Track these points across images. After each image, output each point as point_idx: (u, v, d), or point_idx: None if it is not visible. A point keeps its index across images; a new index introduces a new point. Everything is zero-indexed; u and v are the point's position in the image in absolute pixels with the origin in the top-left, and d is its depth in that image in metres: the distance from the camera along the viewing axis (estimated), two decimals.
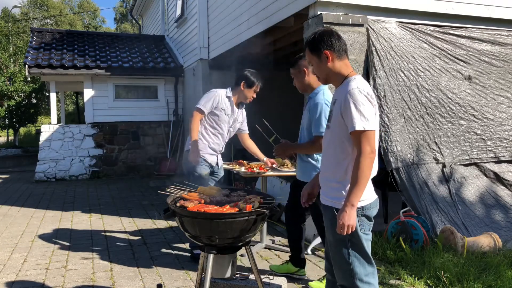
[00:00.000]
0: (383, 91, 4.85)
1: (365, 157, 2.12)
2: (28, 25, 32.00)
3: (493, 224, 4.72)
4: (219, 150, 4.28)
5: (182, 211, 2.55)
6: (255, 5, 6.52)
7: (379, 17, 5.07)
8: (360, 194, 2.14)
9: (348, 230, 2.13)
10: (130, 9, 18.47)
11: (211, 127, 4.19)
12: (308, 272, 3.96)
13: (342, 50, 2.32)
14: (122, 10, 42.63)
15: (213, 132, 4.20)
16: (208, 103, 4.14)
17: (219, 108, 4.13)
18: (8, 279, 3.89)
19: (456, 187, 4.88)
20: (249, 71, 4.19)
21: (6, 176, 11.09)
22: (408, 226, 4.32)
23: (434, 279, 3.62)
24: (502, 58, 5.51)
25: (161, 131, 11.11)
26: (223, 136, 4.25)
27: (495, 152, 5.23)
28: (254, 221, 2.52)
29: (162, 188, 3.05)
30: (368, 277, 2.29)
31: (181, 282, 3.77)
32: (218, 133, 4.22)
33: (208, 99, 4.14)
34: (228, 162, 4.90)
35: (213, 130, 4.20)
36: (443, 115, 5.08)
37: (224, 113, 4.16)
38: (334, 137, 2.29)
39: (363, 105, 2.14)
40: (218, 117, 4.16)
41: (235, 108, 4.25)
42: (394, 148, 4.76)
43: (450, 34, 5.33)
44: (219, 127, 4.20)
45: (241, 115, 4.38)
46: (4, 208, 7.01)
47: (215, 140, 4.22)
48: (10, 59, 19.77)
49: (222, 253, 2.63)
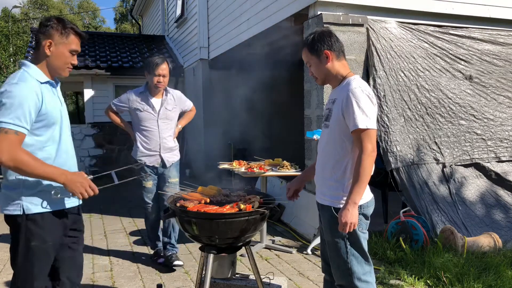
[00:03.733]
0: (383, 91, 4.85)
1: (367, 155, 2.13)
2: (28, 25, 31.99)
3: (493, 224, 4.72)
4: (157, 148, 3.99)
5: (182, 211, 2.55)
6: (255, 5, 6.52)
7: (379, 17, 5.07)
8: (362, 192, 2.15)
9: (350, 228, 2.14)
10: (130, 9, 18.49)
11: (140, 128, 4.00)
12: (308, 272, 3.96)
13: (340, 51, 2.33)
14: (122, 10, 42.61)
15: (144, 133, 3.99)
16: (119, 105, 4.09)
17: (132, 109, 3.97)
18: (8, 279, 3.89)
19: (456, 187, 4.88)
20: (148, 59, 4.00)
21: None
22: (408, 226, 4.32)
23: (434, 279, 3.62)
24: (504, 58, 5.51)
25: None
26: (153, 132, 3.98)
27: (496, 153, 5.23)
28: (254, 221, 2.52)
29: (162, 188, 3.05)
30: (366, 276, 2.30)
31: (181, 282, 3.77)
32: (147, 131, 3.98)
33: (119, 102, 4.08)
34: (228, 162, 4.90)
35: (143, 131, 3.99)
36: (443, 115, 5.08)
37: (139, 111, 3.96)
38: (334, 136, 2.29)
39: (365, 104, 2.15)
40: (138, 116, 3.97)
41: (156, 100, 4.00)
42: (394, 148, 4.76)
43: (450, 34, 5.33)
44: (145, 126, 3.98)
45: (171, 101, 4.06)
46: None
47: (148, 140, 3.98)
48: (10, 59, 19.79)
49: (222, 253, 2.64)
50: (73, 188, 2.11)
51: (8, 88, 2.01)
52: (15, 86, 2.02)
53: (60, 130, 2.20)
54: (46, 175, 2.06)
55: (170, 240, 4.17)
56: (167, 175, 4.08)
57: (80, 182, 2.12)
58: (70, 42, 2.17)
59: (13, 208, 2.11)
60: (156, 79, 3.88)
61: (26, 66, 2.14)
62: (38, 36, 2.14)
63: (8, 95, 1.99)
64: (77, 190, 2.11)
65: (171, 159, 4.10)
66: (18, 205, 2.11)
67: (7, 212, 2.13)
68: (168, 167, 4.07)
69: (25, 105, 2.00)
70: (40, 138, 2.11)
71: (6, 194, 2.13)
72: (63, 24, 2.16)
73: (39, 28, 2.15)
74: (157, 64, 3.87)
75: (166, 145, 4.03)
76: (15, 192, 2.11)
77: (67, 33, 2.15)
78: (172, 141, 4.08)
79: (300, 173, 3.32)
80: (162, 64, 3.89)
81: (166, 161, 4.04)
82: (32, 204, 2.12)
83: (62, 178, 2.09)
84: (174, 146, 4.13)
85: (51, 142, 2.16)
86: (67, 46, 2.16)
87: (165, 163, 4.04)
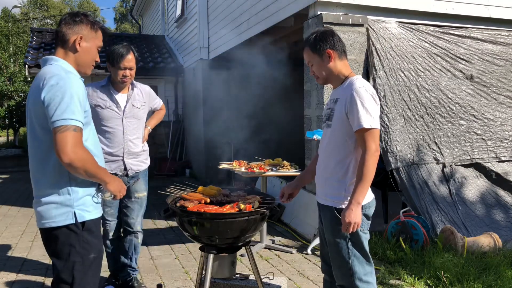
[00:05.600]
0: (383, 91, 4.85)
1: (371, 155, 2.12)
2: (28, 25, 31.99)
3: (493, 224, 4.72)
4: (120, 152, 3.34)
5: (182, 211, 2.55)
6: (255, 5, 6.52)
7: (379, 17, 5.07)
8: (365, 191, 2.15)
9: (354, 228, 2.14)
10: (130, 9, 18.50)
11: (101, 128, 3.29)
12: (308, 272, 3.96)
13: (342, 51, 2.33)
14: (122, 10, 42.63)
15: (105, 134, 3.31)
16: None
17: (92, 105, 3.23)
18: (8, 279, 3.89)
19: (456, 187, 4.88)
20: (110, 49, 3.30)
21: (6, 176, 11.08)
22: (408, 226, 4.32)
23: (434, 279, 3.62)
24: (504, 58, 5.51)
25: (161, 131, 11.09)
26: (116, 133, 3.32)
27: (496, 153, 5.23)
28: (254, 221, 2.52)
29: (162, 188, 3.05)
30: (367, 276, 2.29)
31: (181, 282, 3.77)
32: (109, 132, 3.31)
33: None
34: (228, 162, 4.90)
35: (105, 133, 3.31)
36: (443, 115, 5.08)
37: (100, 108, 3.28)
38: (336, 136, 2.28)
39: (369, 104, 2.15)
40: (98, 114, 3.26)
41: (121, 96, 3.36)
42: (394, 148, 4.76)
43: (450, 34, 5.33)
44: (107, 126, 3.31)
45: (139, 96, 3.45)
46: (4, 208, 7.01)
47: (109, 143, 3.31)
48: (10, 59, 19.79)
49: (222, 253, 2.63)
50: (114, 187, 2.02)
51: (61, 82, 1.84)
52: (65, 78, 1.86)
53: (93, 130, 2.09)
54: (100, 175, 1.92)
55: (131, 263, 3.58)
56: (133, 188, 3.43)
57: (118, 182, 2.06)
58: (98, 37, 2.08)
59: (62, 218, 1.89)
60: (121, 73, 3.25)
61: (58, 61, 1.97)
62: (64, 32, 1.98)
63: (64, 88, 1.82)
64: (117, 189, 2.04)
65: (136, 167, 3.44)
66: (70, 214, 1.90)
67: (55, 224, 1.89)
68: (134, 178, 3.35)
69: (80, 97, 1.86)
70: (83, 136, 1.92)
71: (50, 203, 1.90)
72: (91, 19, 2.06)
73: (65, 24, 2.00)
74: (122, 55, 3.23)
75: (131, 149, 3.38)
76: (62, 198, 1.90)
77: (95, 28, 2.06)
78: (140, 145, 3.47)
79: (300, 173, 3.33)
80: (128, 54, 3.26)
81: (129, 169, 3.39)
82: (84, 211, 1.93)
83: (108, 177, 1.98)
84: (141, 151, 3.48)
85: (90, 140, 2.01)
86: (96, 42, 2.06)
87: (131, 167, 3.40)
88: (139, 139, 3.47)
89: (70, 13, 2.08)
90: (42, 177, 1.93)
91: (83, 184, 1.95)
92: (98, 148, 2.09)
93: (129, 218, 3.51)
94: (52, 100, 1.81)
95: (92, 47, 2.05)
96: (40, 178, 1.94)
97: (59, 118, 1.79)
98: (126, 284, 3.57)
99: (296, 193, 2.64)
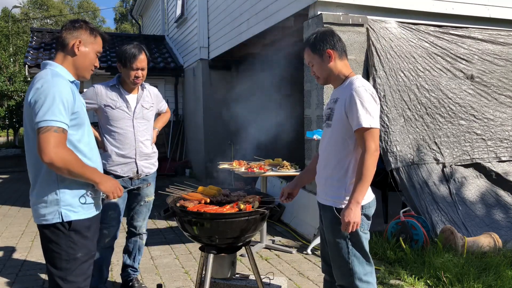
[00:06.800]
0: (383, 91, 4.85)
1: (370, 154, 2.12)
2: (28, 25, 31.99)
3: (493, 224, 4.72)
4: (132, 154, 3.26)
5: (182, 211, 2.55)
6: (255, 5, 6.52)
7: (379, 17, 5.07)
8: (365, 191, 2.15)
9: (353, 228, 2.14)
10: (130, 9, 18.49)
11: (111, 129, 3.24)
12: (308, 272, 3.96)
13: (343, 51, 2.33)
14: (122, 10, 42.63)
15: (116, 136, 3.24)
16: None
17: (102, 106, 3.23)
18: (8, 279, 3.89)
19: (456, 187, 4.88)
20: (121, 49, 3.23)
21: (6, 176, 11.08)
22: (408, 226, 4.32)
23: (434, 279, 3.62)
24: (504, 57, 5.51)
25: (161, 131, 11.06)
26: (127, 135, 3.24)
27: (496, 153, 5.23)
28: (254, 221, 2.52)
29: (162, 188, 3.05)
30: (367, 276, 2.29)
31: (181, 282, 3.77)
32: (120, 134, 3.24)
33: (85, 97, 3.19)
34: (228, 162, 4.90)
35: (115, 134, 3.24)
36: (443, 115, 5.08)
37: (110, 108, 3.22)
38: (336, 136, 2.28)
39: (369, 103, 2.15)
40: (108, 115, 3.22)
41: (131, 96, 3.29)
42: (394, 148, 4.76)
43: (450, 34, 5.33)
44: (117, 127, 3.24)
45: (148, 98, 3.40)
46: (4, 208, 7.01)
47: (121, 145, 3.23)
48: (10, 59, 19.79)
49: (222, 253, 2.64)
50: (107, 188, 2.04)
51: (45, 85, 1.92)
52: (50, 81, 1.94)
53: (88, 132, 2.14)
54: (87, 175, 1.96)
55: (133, 263, 3.55)
56: (143, 193, 3.39)
57: (112, 182, 2.07)
58: (97, 42, 2.17)
59: (50, 217, 1.98)
60: (133, 73, 3.18)
61: (52, 65, 2.06)
62: (64, 37, 2.09)
63: (47, 91, 1.90)
64: (109, 190, 2.05)
65: (148, 169, 3.38)
66: (56, 213, 1.98)
67: (45, 222, 1.99)
68: (145, 182, 3.33)
69: (64, 100, 1.92)
70: (74, 137, 2.01)
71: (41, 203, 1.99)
72: (91, 26, 2.18)
73: (65, 30, 2.11)
74: (135, 55, 3.16)
75: (143, 150, 3.30)
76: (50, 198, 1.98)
77: (94, 34, 2.15)
78: (150, 146, 3.40)
79: (299, 173, 3.32)
80: (140, 55, 3.19)
81: (141, 171, 3.31)
82: (71, 211, 2.00)
83: (98, 177, 2.01)
84: (152, 153, 3.43)
85: (83, 142, 2.07)
86: (95, 47, 2.16)
87: (142, 170, 3.32)
88: (149, 141, 3.40)
89: (71, 20, 2.18)
90: (36, 176, 2.01)
91: (74, 184, 2.01)
92: (92, 150, 2.14)
93: (136, 221, 3.53)
94: (36, 103, 1.90)
95: (90, 51, 2.15)
96: (34, 177, 2.02)
97: (41, 119, 1.87)
98: (126, 284, 3.54)
99: (296, 193, 2.64)
